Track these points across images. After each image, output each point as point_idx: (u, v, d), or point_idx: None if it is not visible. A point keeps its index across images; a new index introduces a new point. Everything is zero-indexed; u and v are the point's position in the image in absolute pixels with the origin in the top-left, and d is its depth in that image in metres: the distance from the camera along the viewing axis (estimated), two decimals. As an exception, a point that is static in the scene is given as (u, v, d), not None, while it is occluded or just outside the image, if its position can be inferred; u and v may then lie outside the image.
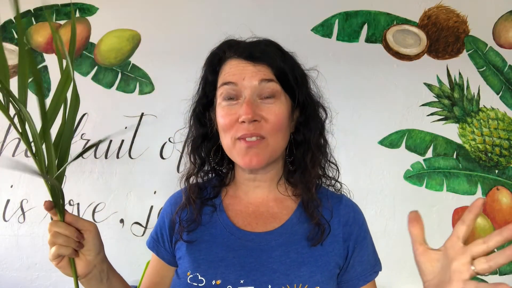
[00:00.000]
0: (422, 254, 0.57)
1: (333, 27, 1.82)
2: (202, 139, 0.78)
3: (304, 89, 0.75)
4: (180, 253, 0.75)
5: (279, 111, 0.69)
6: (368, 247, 0.75)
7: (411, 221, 0.59)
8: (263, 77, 0.68)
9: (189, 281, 0.70)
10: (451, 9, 1.80)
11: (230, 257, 0.70)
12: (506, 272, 1.70)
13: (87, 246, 0.64)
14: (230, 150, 0.71)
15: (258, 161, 0.68)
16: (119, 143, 1.84)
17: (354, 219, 0.75)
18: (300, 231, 0.72)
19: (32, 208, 1.83)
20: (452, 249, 0.53)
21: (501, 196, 1.73)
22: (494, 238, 0.49)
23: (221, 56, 0.73)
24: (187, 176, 0.79)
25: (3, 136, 1.85)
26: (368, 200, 1.76)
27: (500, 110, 1.76)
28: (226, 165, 0.80)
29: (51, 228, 0.62)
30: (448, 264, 0.53)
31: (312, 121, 0.75)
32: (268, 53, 0.70)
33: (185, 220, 0.75)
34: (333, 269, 0.70)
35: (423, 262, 0.57)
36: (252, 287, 0.67)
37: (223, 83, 0.70)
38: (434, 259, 0.56)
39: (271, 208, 0.76)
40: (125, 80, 1.87)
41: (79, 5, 1.90)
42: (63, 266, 0.64)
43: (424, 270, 0.57)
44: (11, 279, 1.82)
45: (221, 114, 0.70)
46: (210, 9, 1.86)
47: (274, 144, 0.70)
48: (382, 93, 1.80)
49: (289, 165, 0.77)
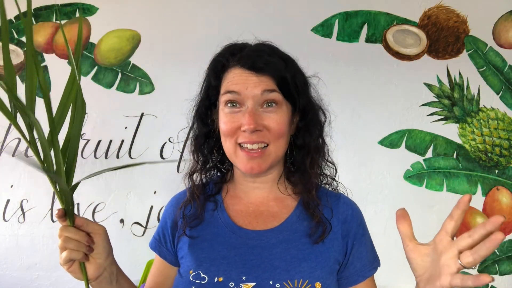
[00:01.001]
0: (412, 250, 0.59)
1: (333, 27, 1.82)
2: (204, 138, 0.80)
3: (305, 96, 0.77)
4: (182, 252, 0.77)
5: (280, 120, 0.71)
6: (366, 243, 0.76)
7: (399, 218, 0.62)
8: (265, 87, 0.70)
9: (191, 279, 0.71)
10: (451, 9, 1.80)
11: (232, 255, 0.71)
12: (506, 272, 1.70)
13: (97, 249, 0.65)
14: (231, 155, 0.73)
15: (260, 169, 0.71)
16: (119, 143, 1.84)
17: (353, 216, 0.77)
18: (300, 228, 0.74)
19: (32, 208, 1.83)
20: (441, 243, 0.55)
21: (501, 196, 1.73)
22: (478, 231, 0.51)
23: (224, 63, 0.75)
24: (191, 173, 0.81)
25: (3, 136, 1.85)
26: (368, 200, 1.76)
27: (500, 110, 1.76)
28: (228, 162, 0.82)
29: (62, 234, 0.62)
30: (438, 259, 0.55)
31: (311, 125, 0.78)
32: (270, 64, 0.71)
33: (188, 215, 0.78)
34: (332, 265, 0.72)
35: (414, 258, 0.59)
36: (253, 283, 0.68)
37: (227, 91, 0.72)
38: (424, 254, 0.58)
39: (271, 207, 0.78)
40: (125, 80, 1.87)
41: (79, 5, 1.90)
42: (74, 270, 0.64)
43: (415, 266, 0.59)
44: (11, 279, 1.82)
45: (223, 120, 0.72)
46: (210, 9, 1.86)
47: (276, 151, 0.72)
48: (382, 93, 1.80)
49: (290, 166, 0.79)
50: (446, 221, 0.56)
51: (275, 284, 0.68)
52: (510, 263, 1.70)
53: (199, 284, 0.70)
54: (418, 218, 1.76)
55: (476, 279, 0.48)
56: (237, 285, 0.68)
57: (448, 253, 0.53)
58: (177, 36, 1.86)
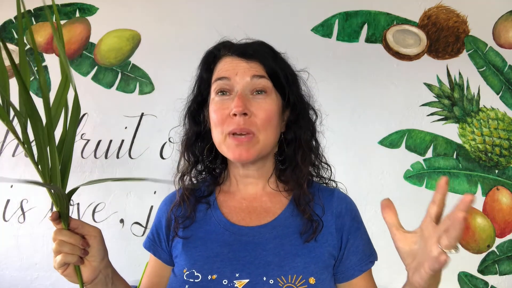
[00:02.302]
0: (400, 239, 0.60)
1: (333, 27, 1.82)
2: (196, 137, 0.80)
3: (295, 89, 0.77)
4: (176, 251, 0.77)
5: (269, 107, 0.71)
6: (362, 237, 0.76)
7: (384, 208, 0.63)
8: (255, 73, 0.71)
9: (185, 278, 0.71)
10: (451, 9, 1.80)
11: (225, 252, 0.71)
12: (506, 272, 1.70)
13: (92, 252, 0.64)
14: (220, 144, 0.73)
15: (248, 155, 0.70)
16: (119, 143, 1.84)
17: (347, 210, 0.76)
18: (294, 224, 0.74)
19: (32, 208, 1.83)
20: (426, 229, 0.56)
21: (501, 196, 1.73)
22: (451, 213, 0.53)
23: (216, 54, 0.76)
24: (181, 174, 0.81)
25: (3, 136, 1.85)
26: (368, 200, 1.75)
27: (500, 110, 1.76)
28: (220, 164, 0.82)
29: (56, 237, 0.61)
30: (424, 246, 0.55)
31: (302, 119, 0.78)
32: (260, 52, 0.73)
33: (180, 216, 0.77)
34: (327, 260, 0.72)
35: (402, 247, 0.60)
36: (247, 280, 0.68)
37: (217, 78, 0.73)
38: (412, 242, 0.59)
39: (264, 203, 0.77)
40: (125, 80, 1.87)
41: (79, 5, 1.90)
42: (69, 274, 0.64)
43: (404, 255, 0.60)
44: (11, 279, 1.82)
45: (213, 108, 0.73)
46: (210, 9, 1.86)
47: (264, 139, 0.72)
48: (382, 93, 1.80)
49: (279, 164, 0.79)
50: (429, 206, 0.58)
51: (269, 280, 0.67)
52: (510, 263, 1.70)
53: (193, 282, 0.69)
54: (418, 218, 1.75)
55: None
56: (230, 282, 0.68)
57: (432, 238, 0.54)
58: (177, 36, 1.86)
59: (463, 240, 1.71)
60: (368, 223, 0.79)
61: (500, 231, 1.71)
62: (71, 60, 1.85)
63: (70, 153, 0.62)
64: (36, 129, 0.55)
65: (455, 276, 1.71)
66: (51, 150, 0.57)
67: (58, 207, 0.60)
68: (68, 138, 0.61)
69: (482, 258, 1.71)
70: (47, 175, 0.59)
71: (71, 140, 0.62)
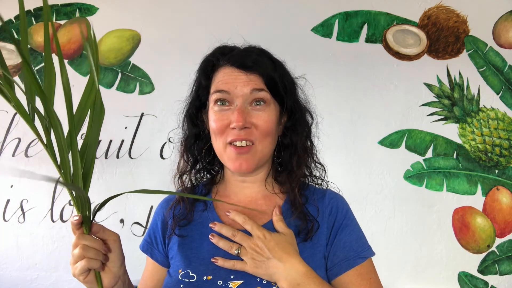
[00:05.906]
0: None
1: (333, 27, 1.82)
2: (194, 138, 0.81)
3: (292, 96, 0.79)
4: (172, 252, 0.78)
5: (268, 118, 0.73)
6: (351, 233, 0.76)
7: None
8: (254, 86, 0.72)
9: (180, 278, 0.72)
10: (451, 9, 1.80)
11: (220, 254, 0.72)
12: (506, 272, 1.70)
13: (112, 257, 0.64)
14: (221, 154, 0.75)
15: (248, 166, 0.72)
16: (119, 143, 1.84)
17: (338, 208, 0.77)
18: (288, 225, 0.75)
19: (32, 208, 1.83)
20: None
21: (501, 196, 1.73)
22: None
23: (214, 62, 0.77)
24: (180, 174, 0.82)
25: (3, 136, 1.85)
26: (368, 200, 1.76)
27: (500, 110, 1.76)
28: (217, 164, 0.84)
29: (79, 242, 0.60)
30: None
31: (299, 126, 0.79)
32: (259, 63, 0.73)
33: (178, 215, 0.79)
34: (319, 260, 0.72)
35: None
36: (241, 281, 0.69)
37: (216, 90, 0.74)
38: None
39: (259, 206, 0.79)
40: (125, 80, 1.87)
41: (79, 5, 1.89)
42: (90, 281, 0.62)
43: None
44: (11, 279, 1.82)
45: (213, 118, 0.74)
46: (210, 9, 1.86)
47: (263, 149, 0.74)
48: (382, 93, 1.80)
49: (277, 165, 0.81)
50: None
51: (262, 280, 0.68)
52: (510, 263, 1.70)
53: (188, 282, 0.70)
54: (418, 218, 1.76)
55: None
56: (225, 283, 0.68)
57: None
58: (177, 36, 1.86)
59: (463, 240, 1.71)
60: (368, 223, 0.79)
61: (500, 231, 1.71)
62: (70, 60, 1.85)
63: (92, 157, 0.61)
64: (58, 134, 0.54)
65: (455, 276, 1.71)
66: (73, 154, 0.56)
67: (80, 211, 0.59)
68: (91, 142, 0.60)
69: (482, 258, 1.71)
70: (69, 179, 0.57)
71: (94, 145, 0.61)
